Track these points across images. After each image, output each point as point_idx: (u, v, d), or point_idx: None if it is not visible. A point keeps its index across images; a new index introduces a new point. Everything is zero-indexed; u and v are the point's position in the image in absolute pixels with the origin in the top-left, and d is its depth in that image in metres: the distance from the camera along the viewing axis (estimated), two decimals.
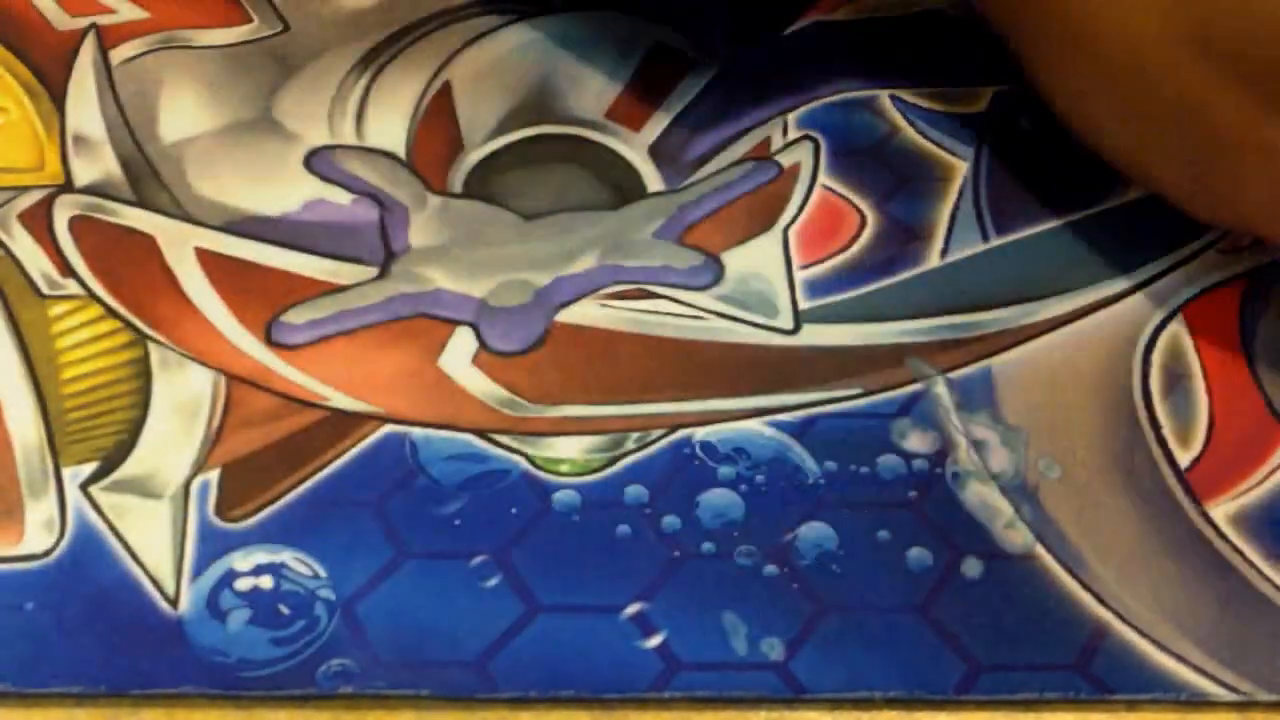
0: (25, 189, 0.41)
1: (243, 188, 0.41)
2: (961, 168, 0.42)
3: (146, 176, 0.41)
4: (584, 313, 0.39)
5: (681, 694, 0.32)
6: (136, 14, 0.46)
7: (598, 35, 0.45)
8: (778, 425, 0.37)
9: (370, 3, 0.46)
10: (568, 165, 0.42)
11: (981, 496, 0.36)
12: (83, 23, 0.45)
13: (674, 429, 0.37)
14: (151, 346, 0.38)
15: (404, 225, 0.41)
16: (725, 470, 0.36)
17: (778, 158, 0.43)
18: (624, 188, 0.42)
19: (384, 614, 0.34)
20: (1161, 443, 0.37)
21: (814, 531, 0.35)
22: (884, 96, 0.44)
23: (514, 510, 0.35)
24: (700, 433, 0.37)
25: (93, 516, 0.35)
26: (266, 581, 0.34)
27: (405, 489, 0.31)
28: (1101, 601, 0.34)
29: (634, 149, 0.43)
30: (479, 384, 0.38)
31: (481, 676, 0.33)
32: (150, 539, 0.35)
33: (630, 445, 0.37)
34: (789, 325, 0.39)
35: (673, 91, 0.44)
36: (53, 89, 0.44)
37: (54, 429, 0.37)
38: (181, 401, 0.37)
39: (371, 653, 0.33)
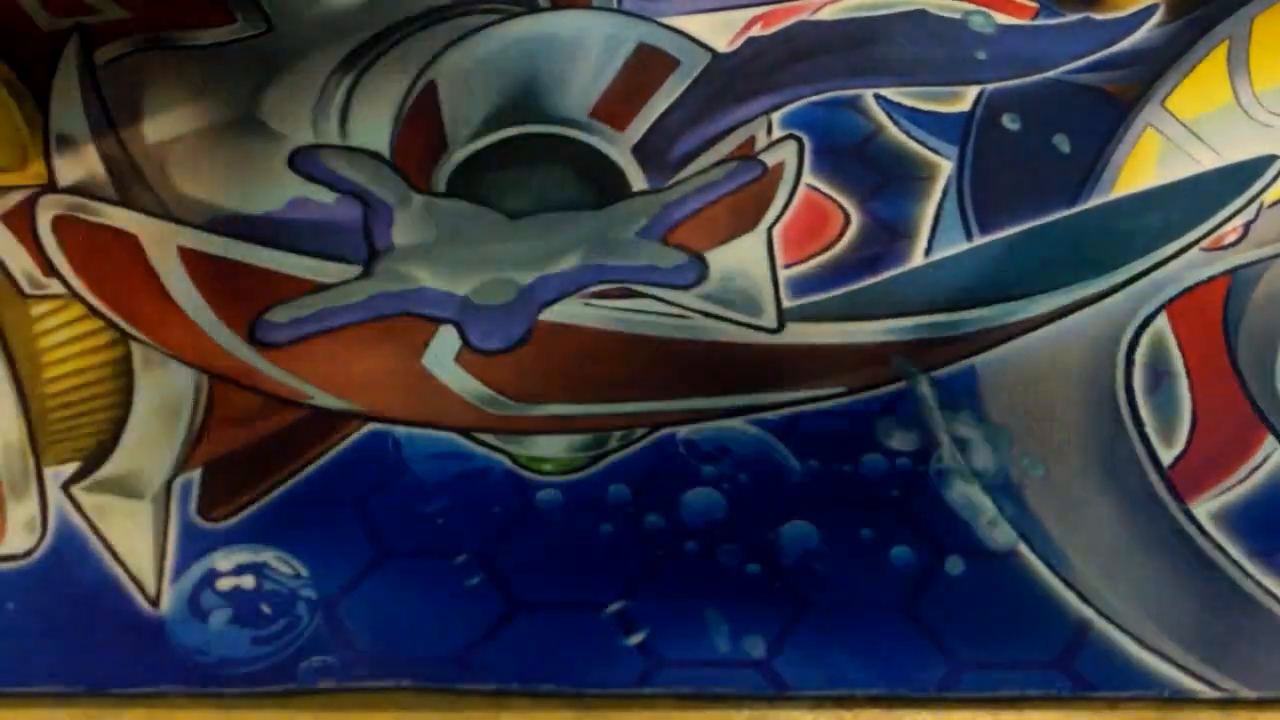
0: (8, 189, 0.41)
1: (226, 187, 0.41)
2: (945, 166, 0.42)
3: (129, 176, 0.41)
4: (567, 311, 0.39)
5: (663, 690, 0.32)
6: (120, 14, 0.45)
7: (582, 35, 0.45)
8: (761, 423, 0.37)
9: (354, 2, 0.46)
10: (551, 164, 0.42)
11: (964, 494, 0.36)
12: (67, 23, 0.45)
13: (657, 427, 0.37)
14: (134, 346, 0.38)
15: (388, 224, 0.41)
16: (708, 469, 0.36)
17: (762, 157, 0.43)
18: (608, 187, 0.42)
19: (366, 612, 0.34)
20: (1144, 440, 0.37)
21: (796, 529, 0.35)
22: (868, 95, 0.44)
23: (496, 509, 0.35)
24: (683, 431, 0.37)
25: (74, 517, 0.35)
26: (248, 581, 0.34)
27: (387, 487, 0.32)
28: (1084, 599, 0.34)
29: (618, 148, 0.43)
30: (462, 382, 0.38)
31: (463, 670, 0.33)
32: (132, 539, 0.35)
33: (613, 443, 0.37)
34: (773, 324, 0.39)
35: (657, 91, 0.44)
36: (36, 89, 0.43)
37: (36, 429, 0.36)
38: (163, 401, 0.37)
39: (353, 650, 0.33)
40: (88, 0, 0.46)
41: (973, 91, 0.44)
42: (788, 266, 0.40)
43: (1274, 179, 0.42)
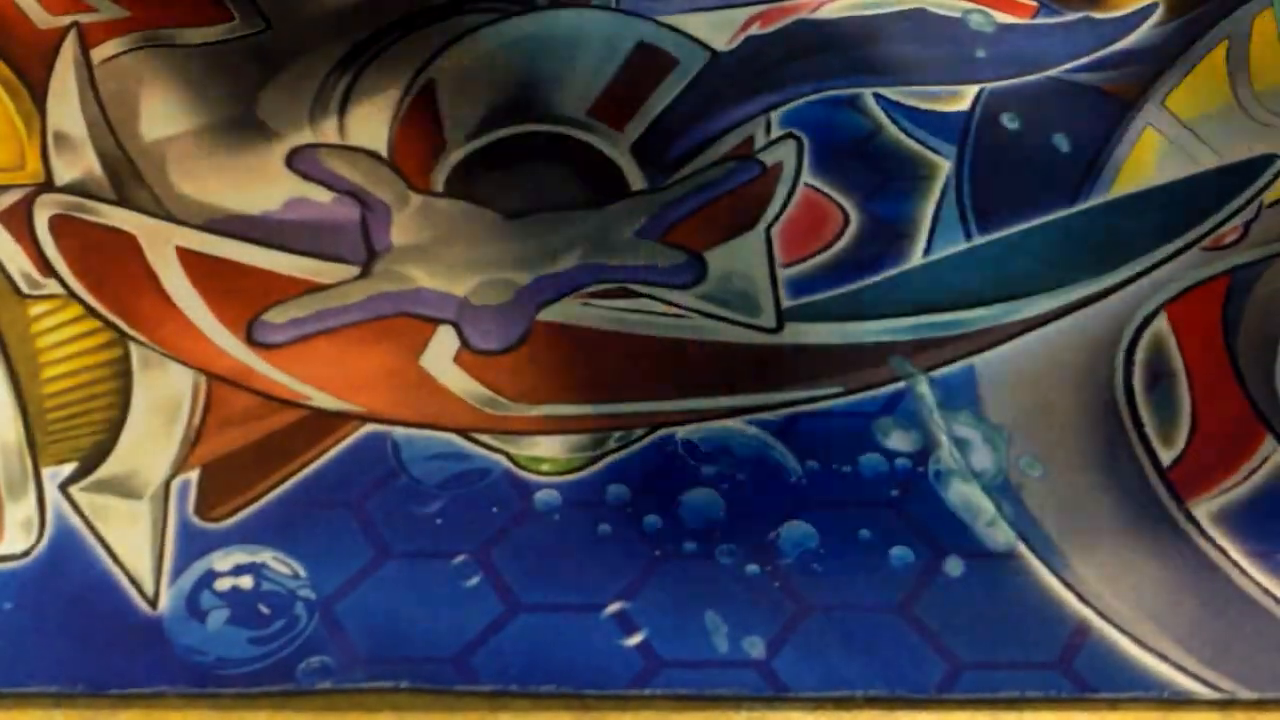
0: (5, 188, 0.41)
1: (224, 187, 0.41)
2: (944, 166, 0.42)
3: (127, 175, 0.41)
4: (566, 311, 0.39)
5: (662, 691, 0.32)
6: (118, 12, 0.45)
7: (581, 34, 0.45)
8: (760, 424, 0.37)
9: (352, 1, 0.46)
10: (550, 164, 0.42)
11: (963, 495, 0.36)
12: (64, 21, 0.45)
13: (655, 428, 0.37)
14: (132, 346, 0.38)
15: (386, 224, 0.41)
16: (707, 469, 0.36)
17: (760, 156, 0.43)
18: (606, 186, 0.42)
19: (364, 613, 0.34)
20: (1144, 441, 0.37)
21: (795, 530, 0.35)
22: (867, 95, 0.44)
23: (495, 509, 0.35)
24: (682, 431, 0.37)
25: (72, 517, 0.35)
26: (246, 581, 0.34)
27: (386, 488, 0.32)
28: (1083, 600, 0.34)
29: (617, 148, 0.43)
30: (460, 383, 0.38)
31: (461, 671, 0.33)
32: (130, 539, 0.35)
33: (612, 444, 0.37)
34: (772, 324, 0.39)
35: (656, 90, 0.44)
36: (33, 87, 0.43)
37: (33, 429, 0.36)
38: (162, 401, 0.37)
39: (351, 651, 0.33)
40: None
41: (972, 90, 0.44)
42: (786, 266, 0.40)
43: (1274, 179, 0.42)
